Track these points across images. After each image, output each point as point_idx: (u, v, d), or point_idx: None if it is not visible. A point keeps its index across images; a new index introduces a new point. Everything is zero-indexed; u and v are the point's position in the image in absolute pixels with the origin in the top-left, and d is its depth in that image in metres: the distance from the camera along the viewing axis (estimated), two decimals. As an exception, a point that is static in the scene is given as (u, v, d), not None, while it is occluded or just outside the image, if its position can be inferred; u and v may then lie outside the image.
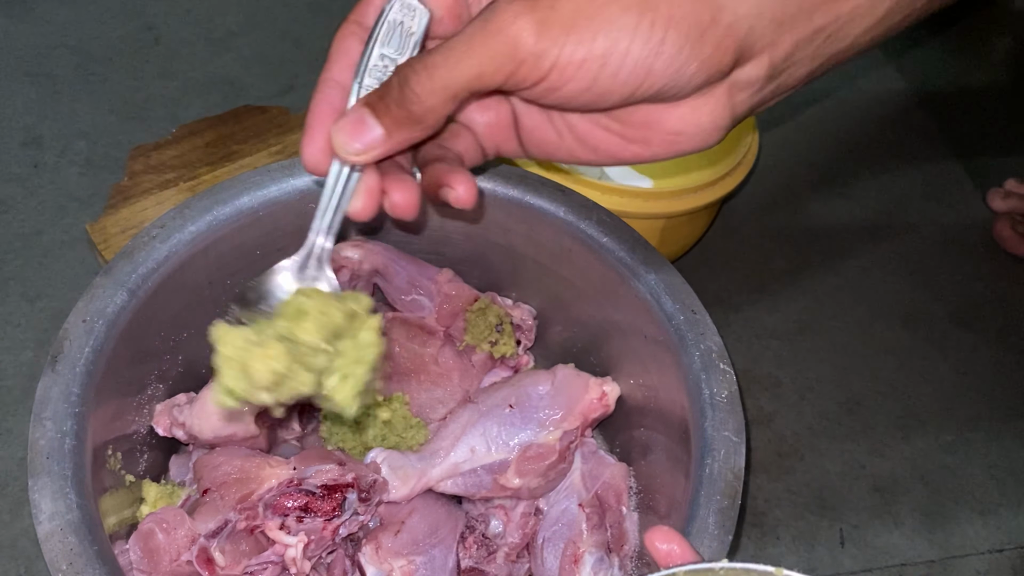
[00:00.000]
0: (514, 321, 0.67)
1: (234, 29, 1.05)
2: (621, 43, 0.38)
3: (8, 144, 0.91)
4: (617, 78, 0.39)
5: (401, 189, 0.45)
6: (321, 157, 0.43)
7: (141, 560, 0.52)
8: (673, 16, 0.38)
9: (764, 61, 0.41)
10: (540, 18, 0.38)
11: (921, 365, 0.81)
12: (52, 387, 0.51)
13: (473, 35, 0.39)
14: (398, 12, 0.43)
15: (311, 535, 0.55)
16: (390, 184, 0.45)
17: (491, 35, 0.38)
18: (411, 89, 0.39)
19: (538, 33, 0.38)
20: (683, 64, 0.39)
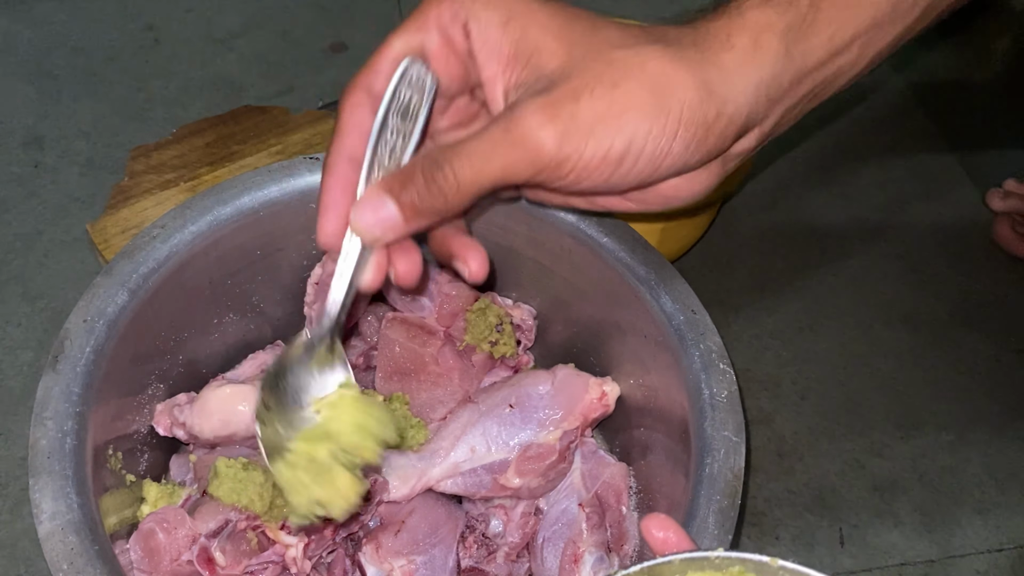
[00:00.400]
0: (514, 321, 0.67)
1: (234, 29, 1.05)
2: (635, 146, 0.41)
3: (8, 144, 0.91)
4: (629, 175, 0.42)
5: (405, 260, 0.46)
6: (338, 236, 0.44)
7: (142, 560, 0.52)
8: (683, 119, 0.41)
9: (756, 134, 0.45)
10: (562, 129, 0.40)
11: (921, 365, 0.81)
12: (53, 387, 0.51)
13: (498, 140, 0.41)
14: (408, 82, 0.44)
15: (311, 535, 0.55)
16: (395, 254, 0.46)
17: (516, 142, 0.40)
18: (437, 186, 0.41)
19: (560, 142, 0.40)
20: (689, 157, 0.42)
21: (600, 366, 0.66)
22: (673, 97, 0.41)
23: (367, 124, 0.44)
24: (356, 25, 1.07)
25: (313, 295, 0.65)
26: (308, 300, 0.65)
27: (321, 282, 0.64)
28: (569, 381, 0.63)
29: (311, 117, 0.88)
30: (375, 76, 0.44)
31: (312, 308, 0.66)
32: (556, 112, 0.40)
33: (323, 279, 0.64)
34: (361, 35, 1.06)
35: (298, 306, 0.67)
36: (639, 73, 0.41)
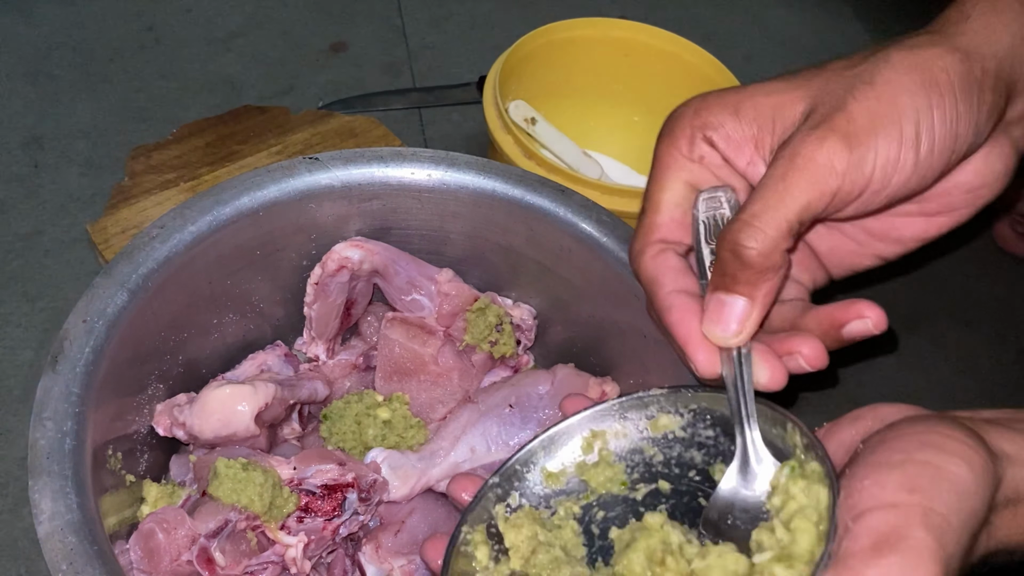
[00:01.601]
0: (514, 321, 0.67)
1: (234, 29, 1.05)
2: (924, 124, 0.40)
3: (8, 144, 0.91)
4: (932, 156, 0.41)
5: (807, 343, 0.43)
6: (713, 360, 0.42)
7: (141, 560, 0.52)
8: (954, 84, 0.40)
9: None
10: (843, 135, 0.39)
11: (921, 365, 0.81)
12: (52, 387, 0.51)
13: (786, 173, 0.39)
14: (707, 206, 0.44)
15: (311, 535, 0.55)
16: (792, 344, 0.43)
17: (803, 168, 0.39)
18: (744, 247, 0.39)
19: (848, 148, 0.39)
20: (976, 116, 0.41)
21: (600, 366, 0.66)
22: (935, 68, 0.40)
23: (674, 263, 0.44)
24: (356, 25, 1.07)
25: (313, 295, 0.65)
26: (308, 300, 0.65)
27: (321, 282, 0.64)
28: (569, 381, 0.63)
29: (311, 117, 0.88)
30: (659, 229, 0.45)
31: (312, 308, 0.66)
32: (830, 126, 0.39)
33: (323, 279, 0.64)
34: (361, 35, 1.06)
35: (298, 306, 0.67)
36: (888, 66, 0.40)
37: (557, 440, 0.44)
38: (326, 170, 0.63)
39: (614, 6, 1.13)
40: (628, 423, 0.44)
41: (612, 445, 0.44)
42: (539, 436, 0.44)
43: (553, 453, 0.45)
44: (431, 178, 0.64)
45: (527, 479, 0.44)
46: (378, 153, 0.64)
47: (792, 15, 1.15)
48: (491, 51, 0.85)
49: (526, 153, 0.74)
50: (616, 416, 0.44)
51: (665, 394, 0.44)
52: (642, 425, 0.44)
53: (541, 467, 0.44)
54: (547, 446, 0.44)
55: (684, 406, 0.44)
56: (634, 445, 0.44)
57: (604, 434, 0.44)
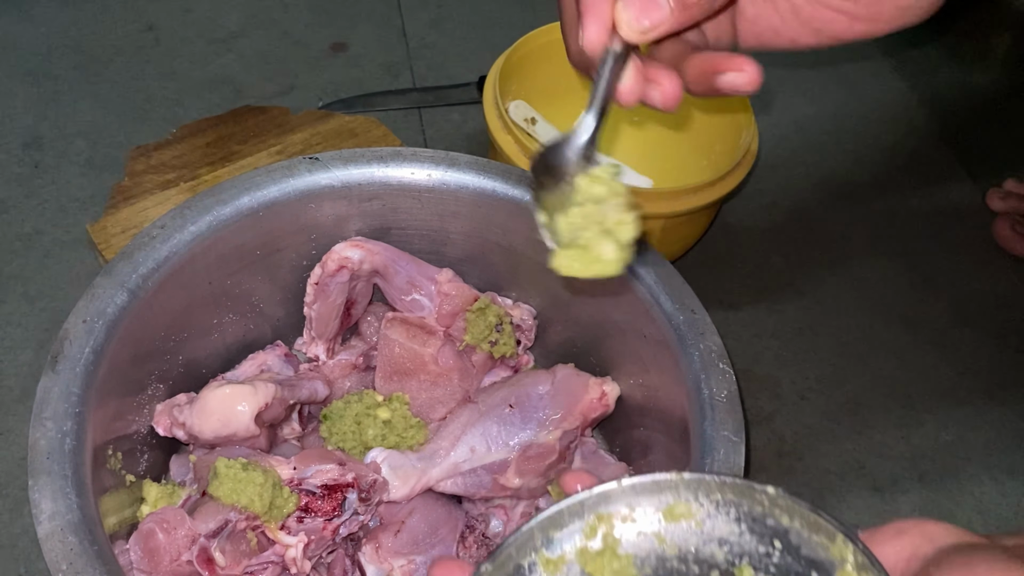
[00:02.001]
0: (514, 321, 0.67)
1: (234, 29, 1.05)
2: None
3: (8, 144, 0.91)
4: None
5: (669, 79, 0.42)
6: (602, 42, 0.40)
7: (141, 560, 0.52)
8: None
9: None
10: None
11: (921, 365, 0.81)
12: (52, 387, 0.51)
13: None
14: None
15: (311, 535, 0.55)
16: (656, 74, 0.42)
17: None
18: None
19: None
20: None
21: (600, 366, 0.66)
22: None
23: None
24: (356, 25, 1.07)
25: (313, 295, 0.65)
26: (308, 300, 0.65)
27: (320, 282, 0.64)
28: (569, 381, 0.63)
29: (311, 117, 0.88)
30: None
31: (312, 308, 0.66)
32: None
33: (323, 279, 0.64)
34: (361, 35, 1.06)
35: (298, 306, 0.67)
36: None
37: (557, 522, 0.39)
38: (326, 170, 0.63)
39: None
40: (638, 509, 0.39)
41: (619, 531, 0.39)
42: (537, 517, 0.39)
43: (552, 537, 0.39)
44: (431, 178, 0.64)
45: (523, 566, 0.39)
46: (378, 153, 0.64)
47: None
48: (491, 51, 0.85)
49: (526, 153, 0.74)
50: (624, 498, 0.39)
51: (684, 480, 0.38)
52: (653, 512, 0.39)
53: (539, 552, 0.39)
54: (545, 528, 0.39)
55: (706, 495, 0.39)
56: (645, 534, 0.39)
57: (610, 518, 0.39)
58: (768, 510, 0.37)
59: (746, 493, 0.38)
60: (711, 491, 0.39)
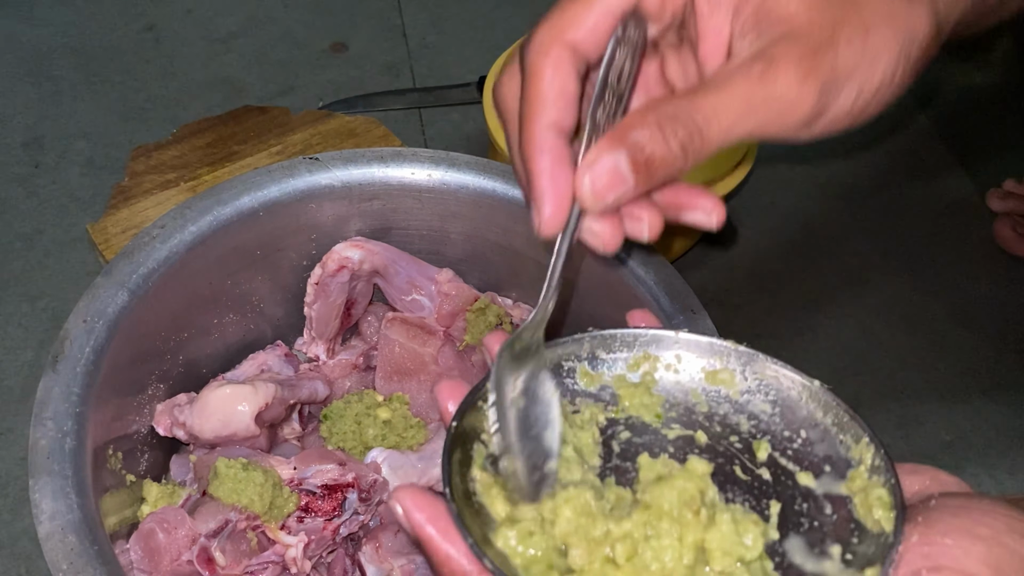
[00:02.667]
0: (514, 321, 0.67)
1: (234, 29, 1.05)
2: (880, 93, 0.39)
3: (8, 144, 0.91)
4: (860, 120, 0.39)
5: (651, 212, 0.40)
6: (562, 222, 0.38)
7: (142, 560, 0.52)
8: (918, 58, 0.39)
9: None
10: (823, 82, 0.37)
11: (921, 365, 0.81)
12: (53, 387, 0.51)
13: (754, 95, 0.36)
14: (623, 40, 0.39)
15: (311, 535, 0.55)
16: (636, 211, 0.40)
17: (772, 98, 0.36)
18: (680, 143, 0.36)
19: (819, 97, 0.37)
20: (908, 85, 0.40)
21: (600, 366, 0.66)
22: (916, 41, 0.39)
23: (571, 87, 0.38)
24: (356, 25, 1.07)
25: (313, 295, 0.65)
26: (308, 300, 0.65)
27: (321, 282, 0.64)
28: (569, 381, 0.63)
29: (311, 117, 0.88)
30: (579, 30, 0.38)
31: (312, 308, 0.66)
32: (817, 64, 0.36)
33: (323, 279, 0.64)
34: (361, 35, 1.06)
35: (298, 306, 0.67)
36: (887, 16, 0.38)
37: (606, 344, 0.42)
38: (326, 170, 0.63)
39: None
40: (684, 362, 0.41)
41: (659, 374, 0.42)
42: (590, 332, 0.41)
43: (597, 356, 0.42)
44: (431, 178, 0.64)
45: (563, 367, 0.41)
46: (378, 153, 0.64)
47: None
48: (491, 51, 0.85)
49: (526, 153, 0.74)
50: (676, 348, 0.41)
51: (737, 351, 0.41)
52: (697, 369, 0.41)
53: (582, 364, 0.42)
54: (595, 345, 0.41)
55: (752, 371, 0.41)
56: (682, 385, 0.41)
57: (656, 360, 0.42)
58: (806, 401, 0.40)
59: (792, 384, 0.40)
60: (758, 368, 0.41)
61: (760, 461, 0.40)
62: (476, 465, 0.37)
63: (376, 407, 0.63)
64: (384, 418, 0.63)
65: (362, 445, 0.62)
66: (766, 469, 0.39)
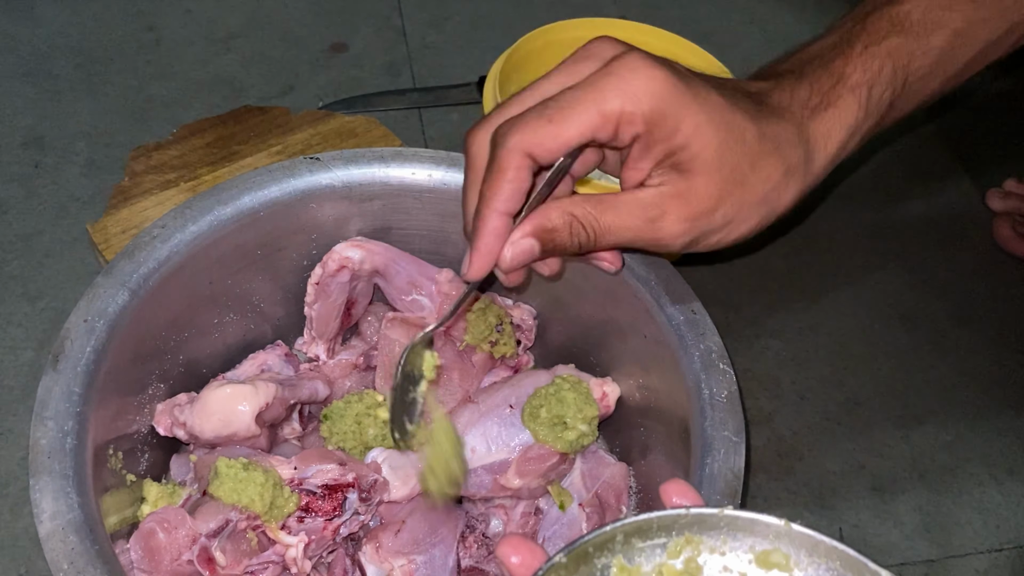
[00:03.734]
0: (514, 321, 0.67)
1: (234, 29, 1.05)
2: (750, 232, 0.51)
3: (8, 144, 0.91)
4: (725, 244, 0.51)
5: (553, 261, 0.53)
6: (484, 272, 0.50)
7: (142, 559, 0.52)
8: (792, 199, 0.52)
9: None
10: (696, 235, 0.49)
11: (921, 365, 0.81)
12: (53, 387, 0.51)
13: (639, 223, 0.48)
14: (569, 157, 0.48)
15: (312, 535, 0.55)
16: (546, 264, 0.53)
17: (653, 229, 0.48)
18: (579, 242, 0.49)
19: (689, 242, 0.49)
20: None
21: (600, 366, 0.66)
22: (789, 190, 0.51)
23: (524, 187, 0.48)
24: (356, 25, 1.07)
25: (314, 295, 0.65)
26: (308, 300, 0.65)
27: (321, 282, 0.64)
28: (569, 381, 0.63)
29: (311, 117, 0.88)
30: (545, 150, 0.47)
31: (312, 308, 0.66)
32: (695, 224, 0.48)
33: (323, 279, 0.64)
34: (361, 35, 1.06)
35: (298, 306, 0.67)
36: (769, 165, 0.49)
37: (644, 531, 0.37)
38: (327, 170, 0.63)
39: (614, 6, 1.13)
40: (731, 543, 0.37)
41: (703, 559, 0.37)
42: (624, 519, 0.37)
43: (634, 544, 0.38)
44: (432, 178, 0.64)
45: (597, 567, 0.37)
46: (379, 153, 0.64)
47: (792, 15, 1.15)
48: (491, 51, 0.85)
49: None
50: (721, 530, 0.37)
51: (792, 532, 0.36)
52: (744, 551, 0.37)
53: (616, 558, 0.37)
54: (630, 534, 0.37)
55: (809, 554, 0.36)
56: (731, 572, 0.38)
57: (699, 544, 0.38)
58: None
59: (856, 568, 0.35)
60: (817, 552, 0.36)
61: None
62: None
63: (376, 407, 0.63)
64: (384, 418, 0.63)
65: (362, 445, 0.62)
66: None
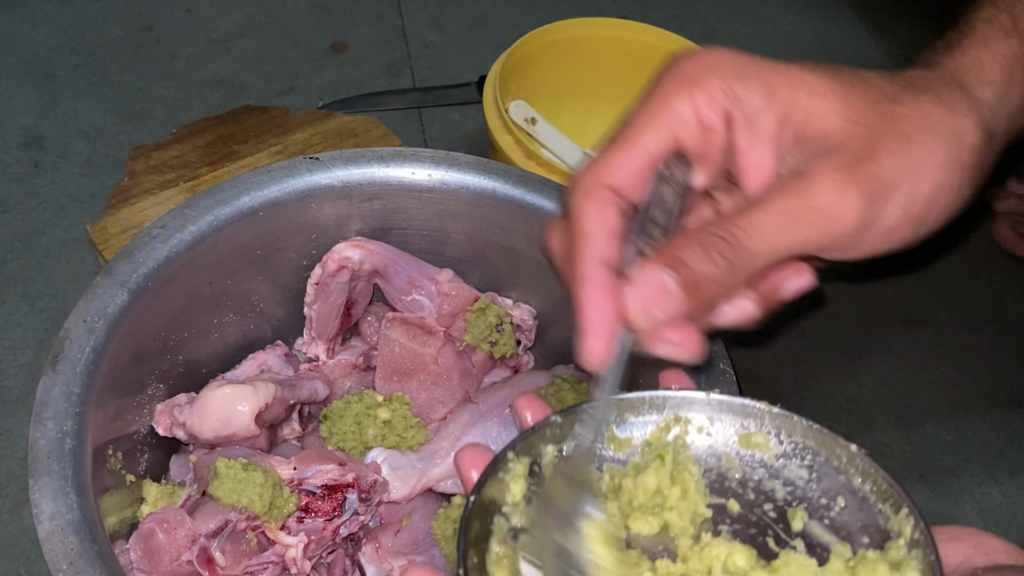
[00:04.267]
0: (514, 321, 0.67)
1: (234, 29, 1.05)
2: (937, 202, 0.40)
3: (8, 144, 0.91)
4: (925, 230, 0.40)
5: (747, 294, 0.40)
6: (609, 354, 0.38)
7: (141, 560, 0.52)
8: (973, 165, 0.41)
9: None
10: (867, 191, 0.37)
11: (921, 365, 0.81)
12: (53, 387, 0.51)
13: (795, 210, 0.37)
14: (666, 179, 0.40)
15: (311, 535, 0.55)
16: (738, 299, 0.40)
17: (815, 211, 0.37)
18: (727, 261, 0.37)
19: (865, 206, 0.37)
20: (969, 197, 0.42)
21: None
22: (964, 148, 0.40)
23: (614, 224, 0.39)
24: (356, 25, 1.07)
25: (313, 295, 0.65)
26: (308, 300, 0.65)
27: (321, 282, 0.64)
28: (569, 381, 0.63)
29: (311, 117, 0.88)
30: (618, 173, 0.40)
31: (312, 308, 0.66)
32: (856, 174, 0.37)
33: (323, 279, 0.64)
34: (361, 35, 1.06)
35: (298, 306, 0.67)
36: (928, 126, 0.39)
37: (636, 407, 0.40)
38: (327, 170, 0.63)
39: (614, 6, 1.13)
40: (718, 424, 0.40)
41: (691, 438, 0.40)
42: (620, 395, 0.39)
43: (626, 419, 0.40)
44: (432, 178, 0.64)
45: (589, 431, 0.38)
46: (379, 153, 0.64)
47: (792, 15, 1.15)
48: (491, 51, 0.85)
49: (526, 153, 0.74)
50: (708, 410, 0.40)
51: (772, 413, 0.39)
52: (731, 433, 0.40)
53: (609, 427, 0.40)
54: (623, 408, 0.40)
55: (788, 434, 0.39)
56: (715, 449, 0.40)
57: (687, 423, 0.40)
58: (844, 466, 0.38)
59: (828, 444, 0.38)
60: (794, 432, 0.39)
61: (795, 531, 0.38)
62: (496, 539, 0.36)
63: (376, 407, 0.63)
64: (384, 418, 0.63)
65: (362, 445, 0.62)
66: (800, 541, 0.37)
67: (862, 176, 0.37)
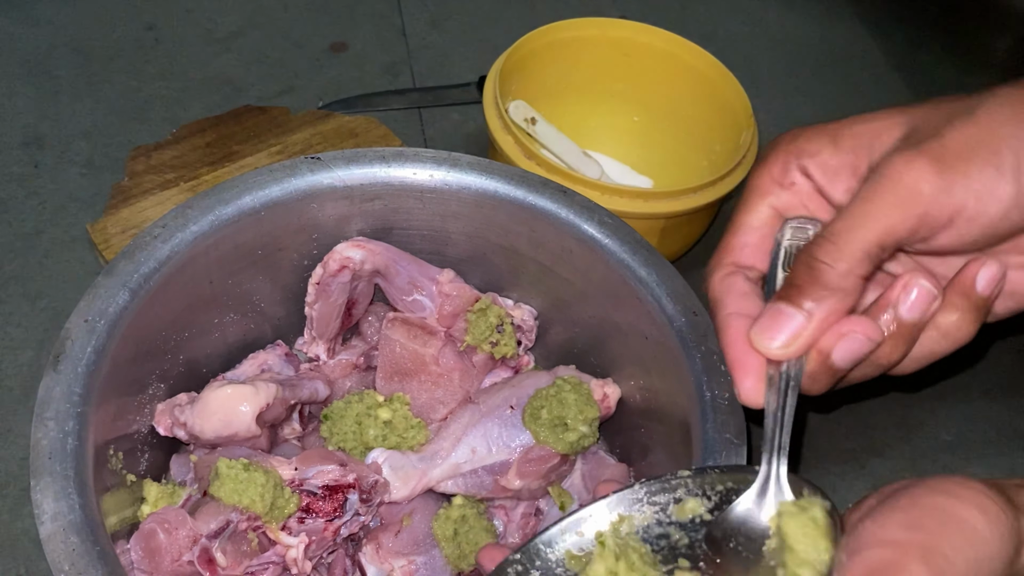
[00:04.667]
0: (515, 322, 0.67)
1: (234, 29, 1.05)
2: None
3: (8, 144, 0.91)
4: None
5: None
6: (758, 388, 0.42)
7: (142, 560, 0.52)
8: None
9: None
10: (932, 158, 0.38)
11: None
12: (54, 387, 0.51)
13: (869, 194, 0.39)
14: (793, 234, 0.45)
15: (312, 536, 0.55)
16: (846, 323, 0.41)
17: (887, 188, 0.38)
18: (819, 260, 0.39)
19: (937, 171, 0.38)
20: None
21: (601, 367, 0.66)
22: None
23: (741, 287, 0.45)
24: (356, 25, 1.07)
25: (314, 295, 0.65)
26: (309, 300, 0.65)
27: (322, 282, 0.64)
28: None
29: (311, 117, 0.88)
30: (732, 251, 0.46)
31: (313, 308, 0.66)
32: (920, 149, 0.38)
33: (324, 279, 0.64)
34: (361, 35, 1.06)
35: (299, 306, 0.67)
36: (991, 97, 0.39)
37: (583, 523, 0.44)
38: (328, 170, 0.63)
39: (614, 6, 1.13)
40: (654, 507, 0.44)
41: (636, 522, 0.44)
42: (565, 518, 0.44)
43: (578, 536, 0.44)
44: (433, 178, 0.64)
45: (549, 559, 0.43)
46: (380, 153, 0.64)
47: (792, 15, 1.16)
48: (491, 51, 0.85)
49: (526, 153, 0.74)
50: (644, 501, 0.44)
51: (691, 476, 0.43)
52: (670, 510, 0.44)
53: (565, 549, 0.43)
54: (573, 528, 0.44)
55: (711, 488, 0.43)
56: (661, 530, 0.43)
57: (631, 519, 0.44)
58: None
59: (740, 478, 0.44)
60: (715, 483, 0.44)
61: None
62: None
63: (377, 407, 0.63)
64: (385, 418, 0.63)
65: (363, 445, 0.62)
66: None
67: (926, 148, 0.38)
